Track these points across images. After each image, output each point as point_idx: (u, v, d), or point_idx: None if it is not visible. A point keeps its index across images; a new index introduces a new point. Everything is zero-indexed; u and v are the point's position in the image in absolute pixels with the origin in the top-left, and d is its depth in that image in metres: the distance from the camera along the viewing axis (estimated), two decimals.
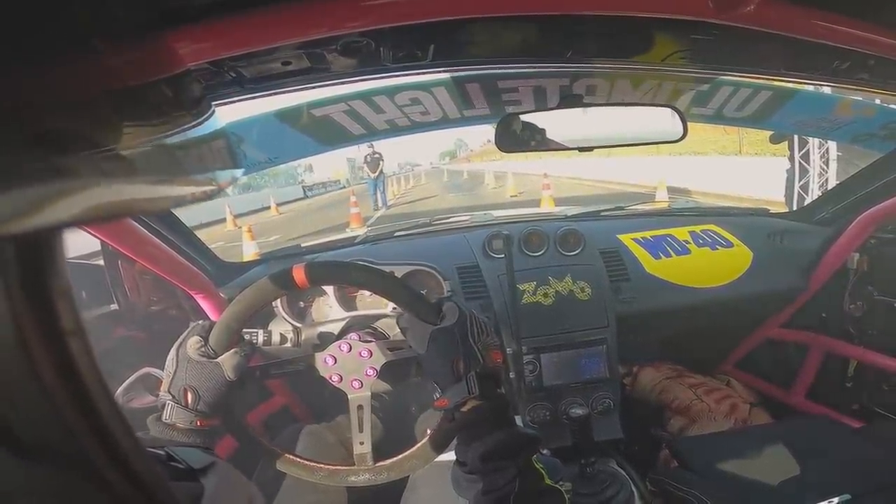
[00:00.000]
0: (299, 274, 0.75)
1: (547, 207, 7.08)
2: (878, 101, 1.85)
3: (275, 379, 0.90)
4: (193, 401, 0.71)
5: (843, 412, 1.50)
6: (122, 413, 0.19)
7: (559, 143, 0.90)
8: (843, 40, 0.67)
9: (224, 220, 11.23)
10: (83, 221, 0.16)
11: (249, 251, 6.04)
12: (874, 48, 0.68)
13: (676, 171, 9.38)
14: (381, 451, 0.83)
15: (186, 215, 1.25)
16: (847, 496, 0.90)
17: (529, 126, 0.92)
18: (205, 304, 1.21)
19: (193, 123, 0.28)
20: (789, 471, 1.03)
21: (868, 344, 1.48)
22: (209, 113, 0.32)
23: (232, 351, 0.75)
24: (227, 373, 0.73)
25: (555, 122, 0.93)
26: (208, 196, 0.25)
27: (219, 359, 0.73)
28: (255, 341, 0.86)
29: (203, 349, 0.74)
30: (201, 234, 1.35)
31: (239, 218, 11.71)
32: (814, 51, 0.73)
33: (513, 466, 0.63)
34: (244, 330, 0.83)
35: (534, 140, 0.91)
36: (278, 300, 1.21)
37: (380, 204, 12.03)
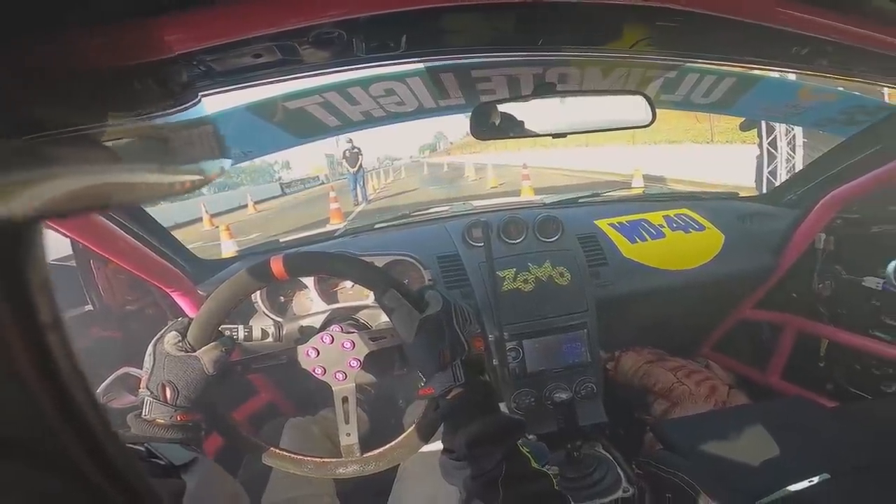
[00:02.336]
0: (277, 265, 0.75)
1: (527, 197, 7.13)
2: (839, 88, 1.92)
3: (257, 373, 0.89)
4: (172, 396, 0.70)
5: (817, 392, 1.54)
6: (101, 409, 0.19)
7: (533, 130, 0.91)
8: (801, 26, 0.69)
9: (200, 219, 10.99)
10: (63, 211, 0.15)
11: (228, 249, 5.93)
12: (832, 34, 0.71)
13: (652, 159, 9.56)
14: (370, 444, 0.83)
15: (160, 216, 1.23)
16: (826, 475, 0.93)
17: (503, 114, 0.93)
18: (182, 302, 1.19)
19: (177, 109, 0.27)
20: (769, 451, 1.05)
21: (838, 323, 1.52)
22: (195, 100, 0.31)
23: (211, 345, 0.74)
24: (206, 367, 0.72)
25: (528, 110, 0.94)
26: (196, 186, 0.25)
27: (197, 353, 0.73)
28: (235, 336, 0.85)
29: (181, 344, 0.73)
30: (177, 235, 1.32)
31: (216, 217, 11.47)
32: (774, 37, 0.75)
33: (499, 451, 0.64)
34: (224, 326, 0.83)
35: (508, 127, 0.92)
36: (258, 295, 1.20)
37: (360, 199, 11.94)
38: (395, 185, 17.65)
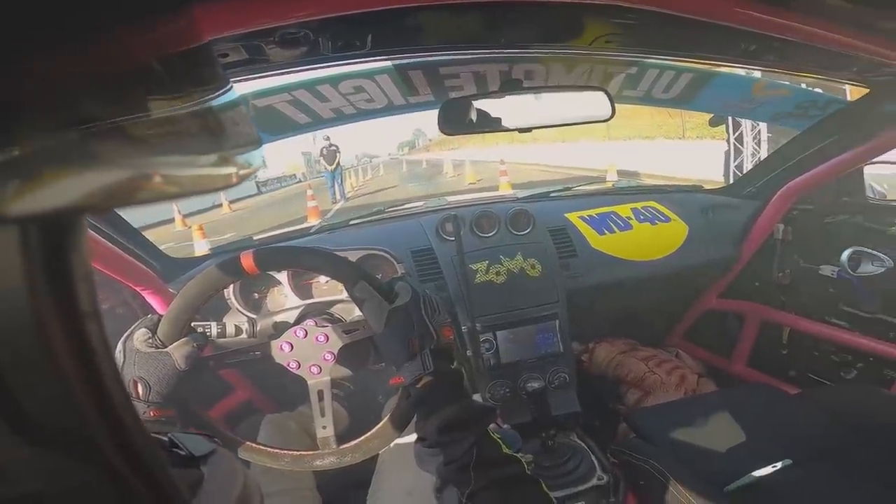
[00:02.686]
0: (247, 260, 0.75)
1: (503, 192, 7.19)
2: (801, 85, 2.00)
3: (231, 369, 0.89)
4: (144, 392, 0.70)
5: (780, 379, 1.60)
6: (129, 397, 0.20)
7: (500, 125, 0.93)
8: (758, 25, 0.71)
9: (172, 220, 10.71)
10: (107, 204, 0.16)
11: (202, 249, 5.80)
12: (788, 33, 0.74)
13: (626, 154, 9.74)
14: (348, 437, 0.84)
15: (131, 217, 1.21)
16: (788, 461, 0.96)
17: (471, 110, 0.95)
18: (153, 300, 1.17)
19: (214, 96, 0.27)
20: (735, 438, 1.08)
21: (798, 311, 1.58)
22: (227, 87, 0.30)
23: (182, 341, 0.74)
24: (177, 362, 0.72)
25: (496, 106, 0.96)
26: (242, 178, 0.24)
27: (168, 349, 0.73)
28: (208, 333, 0.85)
29: (151, 340, 0.73)
30: (148, 236, 1.30)
31: (188, 217, 11.17)
32: (723, 33, 0.78)
33: (470, 437, 0.65)
34: (196, 323, 0.83)
35: (476, 123, 0.94)
36: (231, 292, 1.19)
37: (338, 196, 11.83)
38: (373, 183, 17.53)
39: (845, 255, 1.37)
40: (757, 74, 1.93)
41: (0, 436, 0.16)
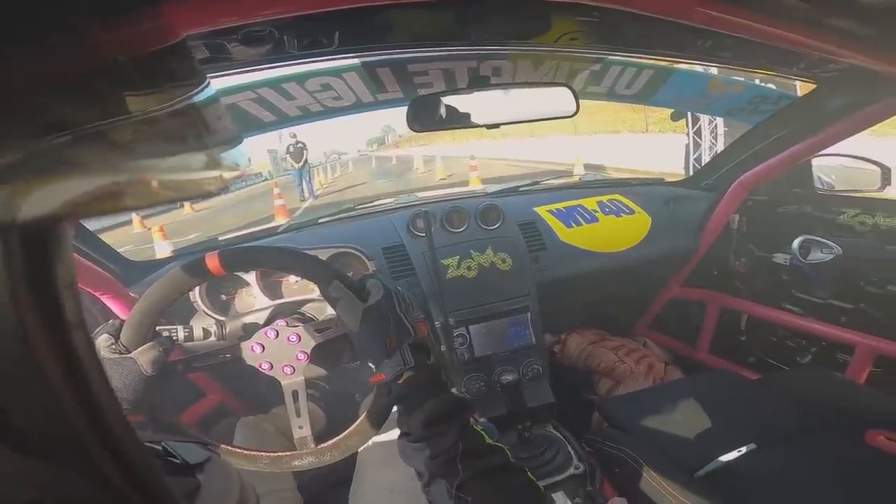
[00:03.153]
0: (212, 261, 0.73)
1: (474, 187, 7.23)
2: (745, 79, 2.08)
3: (202, 372, 0.87)
4: None
5: (741, 365, 1.65)
6: (119, 406, 0.19)
7: (468, 121, 0.94)
8: (719, 25, 0.74)
9: (130, 222, 10.26)
10: (89, 211, 0.15)
11: (164, 251, 5.59)
12: (746, 32, 0.77)
13: (593, 149, 9.95)
14: (326, 437, 0.83)
15: (85, 220, 1.15)
16: (752, 445, 1.00)
17: (440, 106, 0.95)
18: (113, 305, 1.13)
19: (195, 92, 0.26)
20: (702, 424, 1.11)
21: (755, 298, 1.64)
22: (206, 82, 0.29)
23: (147, 345, 0.72)
24: (143, 368, 0.70)
25: (464, 102, 0.96)
26: (225, 183, 0.23)
27: (132, 354, 0.70)
28: (175, 337, 0.82)
29: (114, 346, 0.71)
30: (105, 238, 1.25)
31: (147, 219, 10.71)
32: (682, 31, 0.81)
33: (454, 430, 0.66)
34: (162, 327, 0.80)
35: (444, 119, 0.94)
36: (197, 295, 1.16)
37: (306, 195, 11.60)
38: (342, 180, 17.27)
39: (796, 243, 1.43)
40: (714, 71, 2.01)
41: None
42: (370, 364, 0.76)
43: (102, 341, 0.71)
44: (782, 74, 1.12)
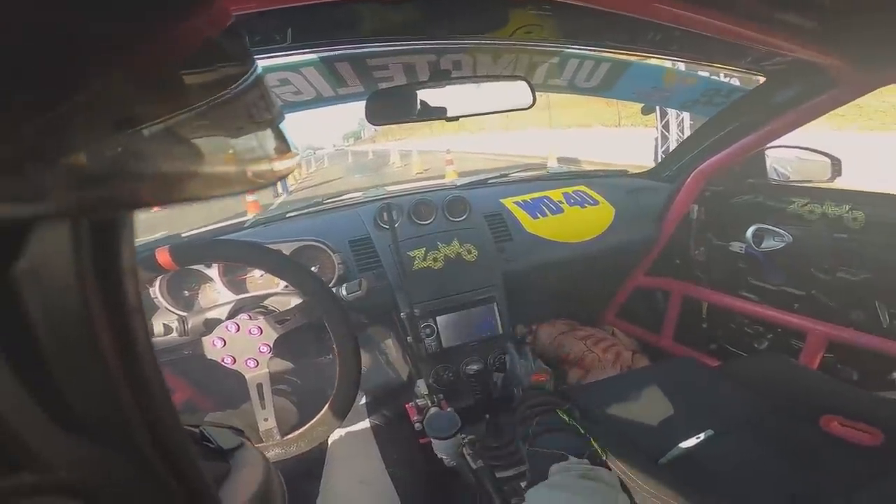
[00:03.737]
0: (163, 256, 0.73)
1: (449, 180, 7.22)
2: (699, 73, 2.13)
3: (169, 373, 0.86)
4: None
5: (702, 352, 1.68)
6: (168, 392, 0.20)
7: (427, 114, 0.95)
8: (675, 20, 0.76)
9: None
10: (157, 202, 0.16)
11: None
12: (702, 28, 0.78)
13: (566, 142, 10.07)
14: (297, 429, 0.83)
15: None
16: (710, 432, 1.00)
17: (399, 100, 0.96)
18: None
19: (251, 74, 0.25)
20: (665, 411, 1.12)
21: (714, 286, 1.68)
22: (254, 67, 0.28)
23: None
24: None
25: (424, 95, 0.97)
26: (281, 175, 0.23)
27: None
28: None
29: None
30: None
31: None
32: (632, 24, 0.83)
33: None
34: None
35: (403, 112, 0.95)
36: (157, 291, 1.13)
37: (280, 190, 11.37)
38: (318, 175, 16.99)
39: (749, 231, 1.48)
40: (668, 64, 2.05)
41: (37, 423, 0.16)
42: None
43: None
44: (731, 67, 1.16)
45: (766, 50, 0.95)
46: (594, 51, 1.43)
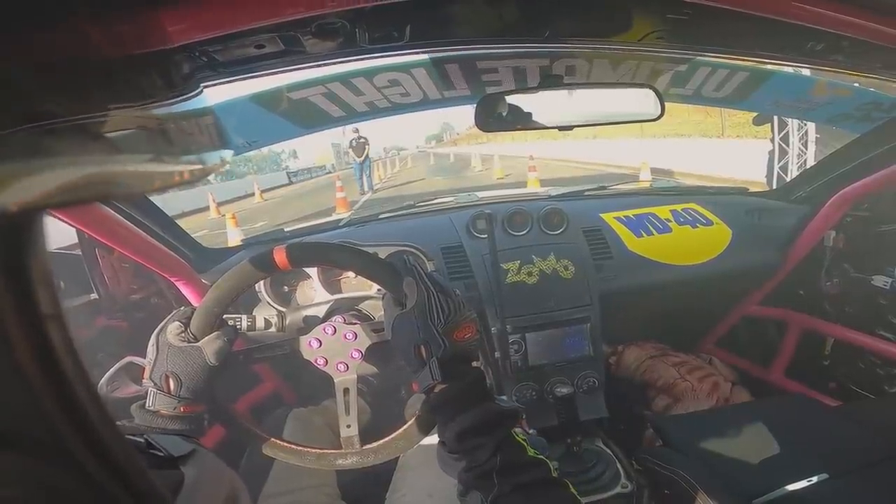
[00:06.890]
0: (280, 255, 0.75)
1: (533, 188, 7.09)
2: (855, 84, 1.88)
3: (260, 363, 0.90)
4: (176, 387, 0.71)
5: (820, 390, 1.54)
6: (101, 400, 0.19)
7: (539, 123, 0.90)
8: (816, 21, 0.67)
9: (207, 208, 11.04)
10: (63, 202, 0.15)
11: (234, 238, 5.96)
12: (849, 30, 0.69)
13: (661, 152, 9.46)
14: (371, 434, 0.83)
15: (167, 204, 1.24)
16: (824, 475, 0.92)
17: (509, 106, 0.92)
18: (186, 291, 1.20)
19: (179, 100, 0.27)
20: (769, 449, 1.04)
21: (844, 321, 1.51)
22: (196, 91, 0.30)
23: (213, 335, 0.74)
24: (208, 357, 0.72)
25: (535, 102, 0.92)
26: (195, 177, 0.24)
27: (199, 343, 0.73)
28: (238, 326, 0.85)
29: (183, 334, 0.73)
30: (184, 223, 1.33)
31: (222, 206, 11.52)
32: (788, 31, 0.73)
33: (491, 442, 0.63)
34: (227, 315, 0.83)
35: (514, 119, 0.91)
36: (262, 285, 1.20)
37: (366, 188, 11.94)
38: (400, 175, 17.61)
39: None
40: (805, 72, 1.83)
41: None
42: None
43: (173, 329, 0.74)
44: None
45: None
46: (731, 59, 1.30)
